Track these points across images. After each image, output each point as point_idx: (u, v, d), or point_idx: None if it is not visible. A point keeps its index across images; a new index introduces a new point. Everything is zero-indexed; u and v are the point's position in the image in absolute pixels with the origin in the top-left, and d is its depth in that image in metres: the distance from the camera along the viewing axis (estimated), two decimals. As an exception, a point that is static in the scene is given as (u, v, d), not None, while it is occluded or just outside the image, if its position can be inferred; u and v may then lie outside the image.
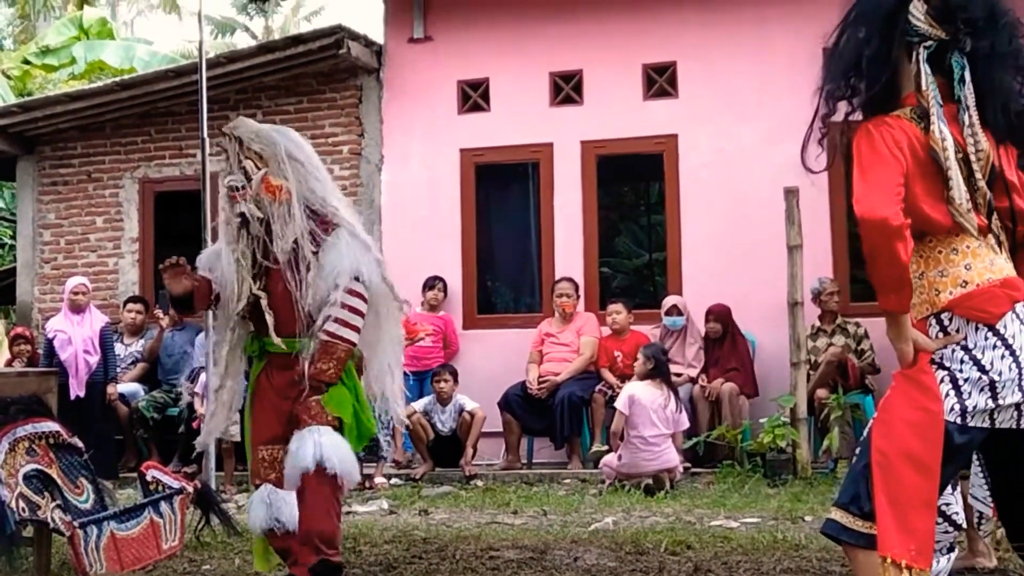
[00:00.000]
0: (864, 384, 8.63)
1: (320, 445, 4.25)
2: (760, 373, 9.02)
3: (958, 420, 2.85)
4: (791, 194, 8.32)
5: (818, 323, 8.90)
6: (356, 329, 4.34)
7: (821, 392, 8.45)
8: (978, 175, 2.93)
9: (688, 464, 8.42)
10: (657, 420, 7.90)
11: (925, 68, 2.93)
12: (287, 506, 4.35)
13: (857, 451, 2.98)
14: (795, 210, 8.29)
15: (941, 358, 2.89)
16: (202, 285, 4.53)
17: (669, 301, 9.24)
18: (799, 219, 8.30)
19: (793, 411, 8.20)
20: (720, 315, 9.01)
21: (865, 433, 2.96)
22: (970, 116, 2.94)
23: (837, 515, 2.92)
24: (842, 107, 3.10)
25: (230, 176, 4.43)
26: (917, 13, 2.93)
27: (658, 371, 8.11)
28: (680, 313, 9.13)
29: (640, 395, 7.94)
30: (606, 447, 8.35)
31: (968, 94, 2.95)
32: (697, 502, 7.17)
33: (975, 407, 2.86)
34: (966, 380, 2.86)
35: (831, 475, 8.04)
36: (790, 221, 8.31)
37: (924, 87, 2.92)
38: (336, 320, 4.29)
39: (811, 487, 7.63)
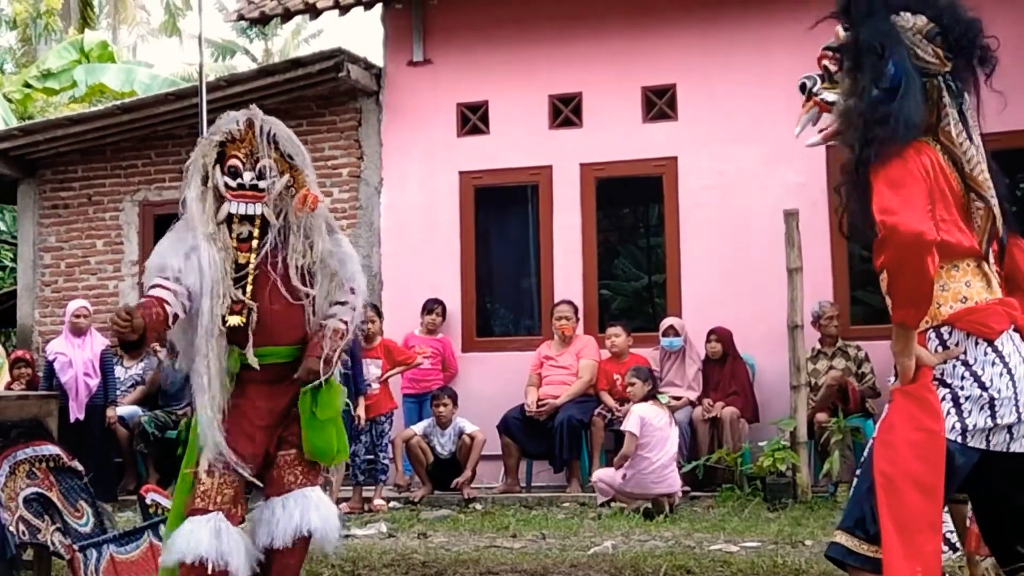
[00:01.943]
0: (864, 408, 8.61)
1: (319, 514, 4.09)
2: (760, 396, 9.02)
3: (959, 439, 2.86)
4: (791, 217, 8.33)
5: (818, 346, 8.89)
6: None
7: (821, 415, 8.44)
8: (991, 194, 2.98)
9: (688, 488, 8.41)
10: (666, 441, 7.93)
11: (953, 113, 2.96)
12: (237, 548, 3.92)
13: (859, 473, 2.98)
14: (795, 233, 8.28)
15: (942, 374, 2.90)
16: (151, 311, 3.85)
17: (667, 322, 9.25)
18: (799, 242, 8.29)
19: (793, 434, 8.19)
20: (722, 337, 9.03)
21: (866, 454, 2.96)
22: (974, 140, 2.99)
23: (842, 538, 2.90)
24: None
25: (250, 172, 4.04)
26: (929, 56, 2.96)
27: (655, 391, 8.14)
28: (677, 334, 9.13)
29: (650, 416, 7.95)
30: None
31: (972, 119, 2.99)
32: (697, 526, 7.16)
33: (975, 426, 2.87)
34: (967, 398, 2.87)
35: (831, 499, 8.02)
36: (790, 244, 8.31)
37: (956, 135, 2.96)
38: (349, 320, 4.12)
39: (811, 511, 7.62)
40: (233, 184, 4.06)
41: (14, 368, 9.58)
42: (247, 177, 4.06)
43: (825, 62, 3.10)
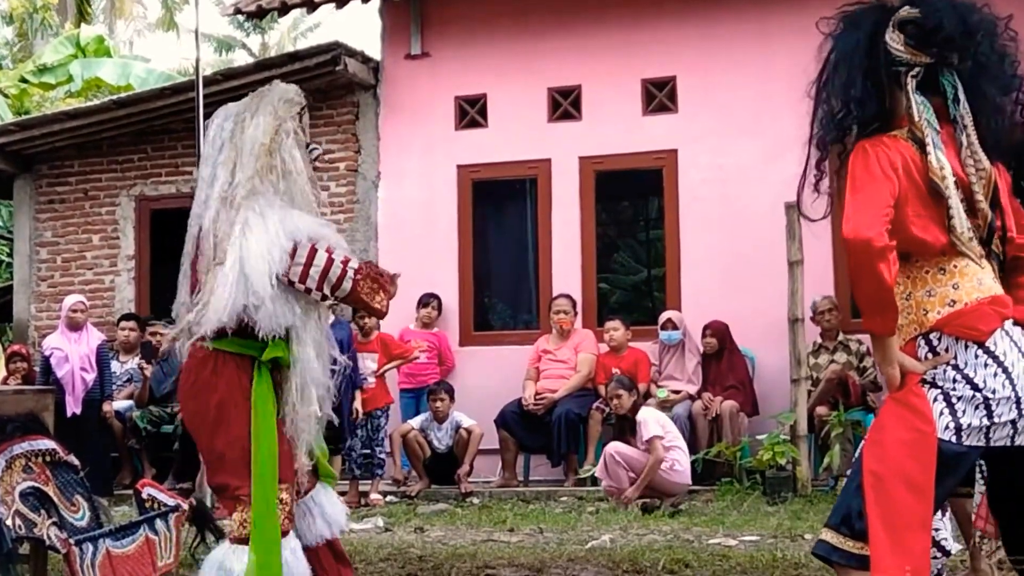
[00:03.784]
0: (865, 401, 8.61)
1: None
2: (760, 390, 9.00)
3: (952, 438, 2.84)
4: (792, 209, 8.30)
5: (820, 340, 8.89)
6: None
7: (821, 409, 8.44)
8: (979, 196, 2.93)
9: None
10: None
11: (916, 98, 2.94)
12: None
13: (849, 472, 2.99)
14: (796, 225, 8.25)
15: (933, 377, 2.88)
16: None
17: (665, 316, 9.24)
18: (800, 235, 8.27)
19: (793, 428, 8.18)
20: (717, 331, 9.00)
21: (857, 455, 2.96)
22: (968, 136, 2.94)
23: (828, 536, 2.91)
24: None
25: (315, 145, 4.05)
26: (895, 44, 2.94)
27: (639, 400, 8.25)
28: (676, 327, 9.12)
29: (660, 417, 8.07)
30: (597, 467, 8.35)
31: (964, 113, 2.95)
32: (696, 520, 7.15)
33: (970, 425, 2.84)
34: (959, 398, 2.85)
35: (831, 493, 7.99)
36: (791, 237, 8.29)
37: (917, 118, 2.93)
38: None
39: (811, 505, 7.61)
40: (312, 158, 3.98)
41: (10, 363, 9.56)
42: (313, 149, 3.99)
43: None
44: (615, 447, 8.01)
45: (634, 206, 12.06)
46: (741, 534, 6.50)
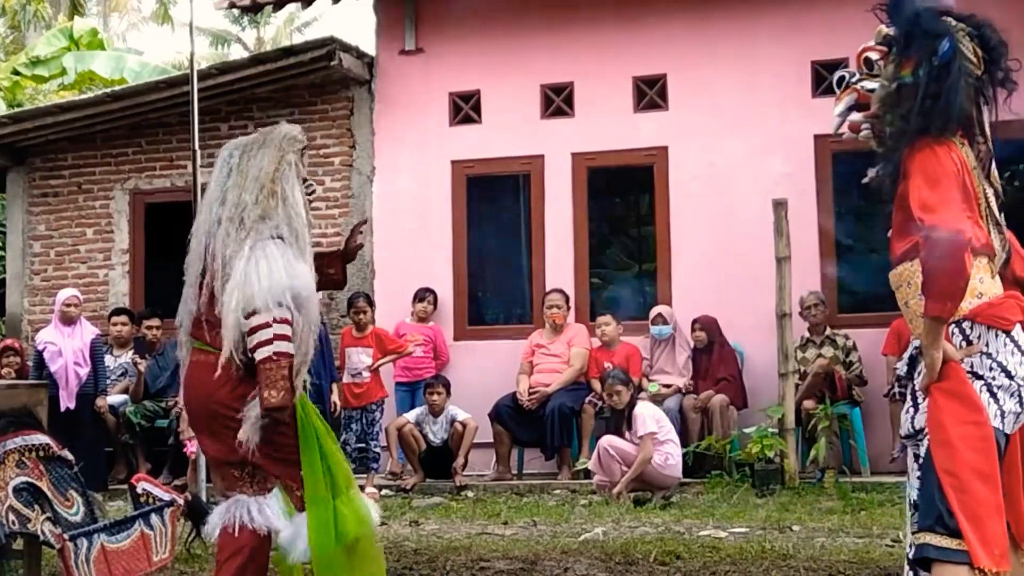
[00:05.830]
0: (851, 395, 8.69)
1: None
2: (749, 384, 9.06)
3: (1000, 425, 3.02)
4: (779, 206, 8.37)
5: (807, 334, 8.95)
6: None
7: (809, 403, 8.50)
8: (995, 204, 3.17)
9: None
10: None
11: (987, 111, 3.15)
12: None
13: (919, 476, 3.12)
14: (783, 222, 8.34)
15: (973, 367, 3.04)
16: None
17: (655, 311, 9.29)
18: (787, 231, 8.34)
19: (781, 421, 8.25)
20: (706, 325, 9.07)
21: (924, 457, 3.08)
22: (991, 150, 3.18)
23: (928, 538, 3.02)
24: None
25: (311, 181, 4.27)
26: (966, 50, 3.10)
27: (636, 394, 8.33)
28: (666, 322, 9.17)
29: (656, 412, 8.13)
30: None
31: (987, 127, 3.17)
32: (686, 512, 7.21)
33: (1009, 411, 3.03)
34: (999, 387, 3.03)
35: (818, 485, 8.09)
36: (778, 233, 8.35)
37: (988, 131, 3.14)
38: None
39: (799, 497, 7.69)
40: (308, 192, 4.19)
41: (3, 357, 9.43)
42: (309, 185, 4.21)
43: (868, 54, 3.24)
44: (608, 441, 8.07)
45: (625, 202, 12.09)
46: (731, 526, 6.58)
